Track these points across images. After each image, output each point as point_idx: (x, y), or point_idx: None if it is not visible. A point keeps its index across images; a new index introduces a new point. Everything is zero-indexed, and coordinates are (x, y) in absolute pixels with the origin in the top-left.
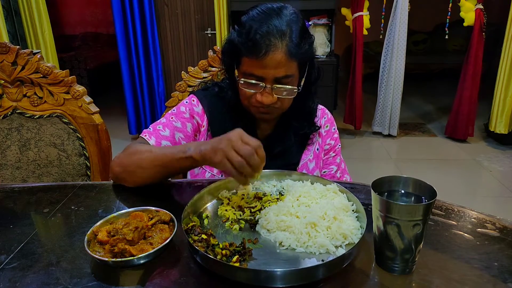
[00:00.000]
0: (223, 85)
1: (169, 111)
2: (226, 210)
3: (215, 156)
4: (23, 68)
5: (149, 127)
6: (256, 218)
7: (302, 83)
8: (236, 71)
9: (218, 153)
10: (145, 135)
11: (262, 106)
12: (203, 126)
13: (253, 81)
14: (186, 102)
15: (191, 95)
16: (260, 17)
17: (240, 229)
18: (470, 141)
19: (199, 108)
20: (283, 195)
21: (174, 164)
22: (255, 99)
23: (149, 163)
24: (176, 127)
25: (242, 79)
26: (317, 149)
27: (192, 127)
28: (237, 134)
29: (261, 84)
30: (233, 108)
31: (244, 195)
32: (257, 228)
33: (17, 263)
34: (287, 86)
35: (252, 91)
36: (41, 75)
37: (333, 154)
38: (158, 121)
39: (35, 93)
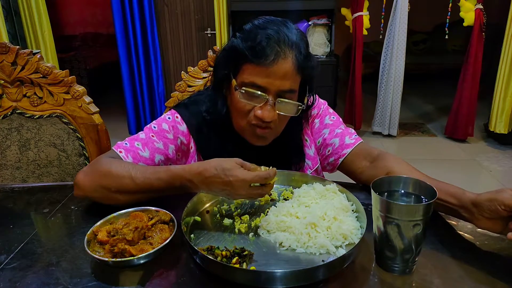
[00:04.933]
0: (208, 104)
1: (150, 125)
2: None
3: (228, 195)
4: (23, 68)
5: (126, 141)
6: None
7: (305, 101)
8: (233, 81)
9: (233, 196)
10: (121, 152)
11: (259, 125)
12: (192, 148)
13: (258, 92)
14: (169, 118)
15: (173, 111)
16: (267, 25)
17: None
18: (470, 141)
19: (183, 126)
20: (286, 199)
21: (164, 192)
22: (254, 115)
23: (132, 188)
24: (158, 148)
25: (243, 88)
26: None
27: (175, 148)
28: (242, 182)
29: (264, 96)
30: (221, 128)
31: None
32: (257, 229)
33: (17, 263)
34: (292, 102)
35: (252, 104)
36: (41, 75)
37: (327, 131)
38: (136, 135)
39: (35, 93)
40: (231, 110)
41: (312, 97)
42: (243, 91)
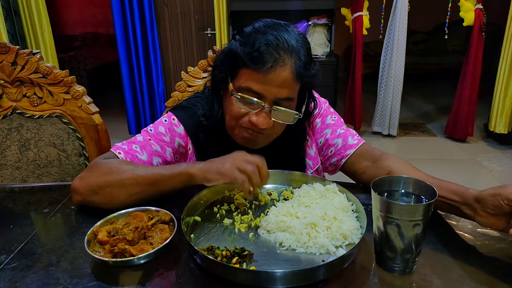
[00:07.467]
0: (205, 107)
1: (147, 128)
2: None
3: (220, 178)
4: (22, 68)
5: (123, 144)
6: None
7: (303, 110)
8: (230, 85)
9: (225, 176)
10: (120, 154)
11: (251, 131)
12: (190, 149)
13: (254, 99)
14: (165, 120)
15: (170, 113)
16: (267, 30)
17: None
18: (470, 141)
19: (180, 128)
20: (286, 199)
21: (166, 183)
22: (248, 120)
23: (133, 182)
24: (156, 151)
25: (239, 93)
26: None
27: (172, 151)
28: (241, 155)
29: (260, 103)
30: (217, 132)
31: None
32: (257, 229)
33: (17, 263)
34: (289, 110)
35: (247, 109)
36: (41, 75)
37: (330, 131)
38: (134, 138)
39: (35, 93)
40: (225, 112)
41: (313, 102)
42: (239, 96)
